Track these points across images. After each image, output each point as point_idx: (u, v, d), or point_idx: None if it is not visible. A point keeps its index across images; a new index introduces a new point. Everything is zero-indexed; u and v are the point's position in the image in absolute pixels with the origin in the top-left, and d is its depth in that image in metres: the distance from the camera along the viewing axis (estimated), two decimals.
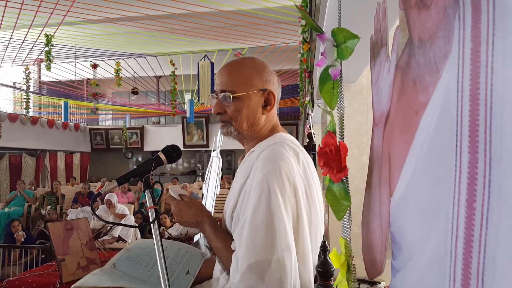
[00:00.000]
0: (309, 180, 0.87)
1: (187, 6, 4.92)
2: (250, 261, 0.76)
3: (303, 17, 0.81)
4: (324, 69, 0.54)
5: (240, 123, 0.93)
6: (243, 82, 0.92)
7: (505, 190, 0.21)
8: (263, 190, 0.80)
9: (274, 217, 0.77)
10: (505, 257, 0.21)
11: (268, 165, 0.83)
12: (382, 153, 0.44)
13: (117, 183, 0.90)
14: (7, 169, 9.09)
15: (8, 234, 4.43)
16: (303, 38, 2.74)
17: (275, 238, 0.76)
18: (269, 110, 0.94)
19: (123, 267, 1.03)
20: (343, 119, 0.53)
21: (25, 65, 7.82)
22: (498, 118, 0.22)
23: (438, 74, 0.30)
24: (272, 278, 0.75)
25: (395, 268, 0.38)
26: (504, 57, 0.22)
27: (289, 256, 0.77)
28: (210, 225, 0.93)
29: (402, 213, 0.37)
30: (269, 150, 0.87)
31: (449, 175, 0.27)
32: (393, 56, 0.41)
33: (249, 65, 0.95)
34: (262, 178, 0.81)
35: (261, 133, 0.95)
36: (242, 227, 0.81)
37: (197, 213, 0.94)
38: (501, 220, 0.22)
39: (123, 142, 11.33)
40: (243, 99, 0.92)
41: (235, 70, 0.94)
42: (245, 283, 0.76)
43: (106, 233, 4.36)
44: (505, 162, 0.21)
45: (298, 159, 0.88)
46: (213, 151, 3.25)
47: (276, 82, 0.97)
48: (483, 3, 0.24)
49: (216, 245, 0.90)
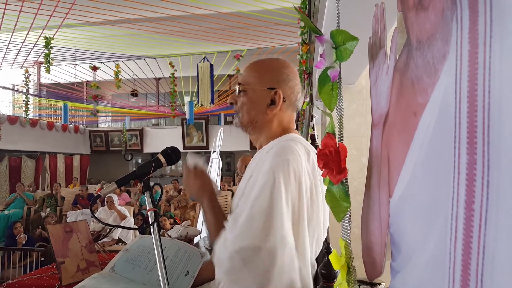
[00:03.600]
0: (316, 179, 0.87)
1: (186, 8, 4.93)
2: (242, 244, 0.77)
3: (302, 19, 0.82)
4: (323, 71, 0.54)
5: (242, 116, 0.96)
6: (254, 78, 0.95)
7: (504, 191, 0.22)
8: (268, 180, 0.80)
9: (273, 208, 0.78)
10: (504, 258, 0.21)
11: (277, 158, 0.84)
12: (381, 154, 0.44)
13: (116, 185, 0.90)
14: (7, 172, 9.08)
15: (10, 237, 4.42)
16: (302, 39, 2.75)
17: (270, 228, 0.77)
18: (273, 110, 0.94)
19: (122, 270, 1.03)
20: (342, 121, 0.53)
21: (25, 67, 7.83)
22: (496, 119, 0.22)
23: (436, 75, 0.30)
24: (259, 266, 0.75)
25: (395, 269, 0.38)
26: (502, 58, 0.22)
27: (282, 248, 0.77)
28: (209, 199, 0.95)
29: (401, 214, 0.37)
30: (280, 145, 0.88)
31: (448, 176, 0.27)
32: (391, 58, 0.41)
33: (267, 64, 0.98)
34: (269, 169, 0.82)
35: (271, 132, 0.96)
36: (241, 211, 0.82)
37: (201, 186, 0.98)
38: (499, 220, 0.22)
39: (122, 144, 11.33)
40: (249, 93, 0.95)
41: (253, 66, 0.98)
42: (230, 264, 0.77)
43: (106, 235, 4.35)
44: (503, 163, 0.22)
45: (309, 156, 0.88)
46: (213, 153, 3.25)
47: (293, 85, 0.97)
48: (480, 5, 0.24)
49: (209, 218, 0.93)
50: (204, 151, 11.44)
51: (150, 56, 7.51)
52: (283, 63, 0.99)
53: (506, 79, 0.22)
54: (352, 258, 0.50)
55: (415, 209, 0.34)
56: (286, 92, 0.95)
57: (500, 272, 0.22)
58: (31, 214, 6.38)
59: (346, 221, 0.50)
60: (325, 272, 0.53)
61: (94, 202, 0.91)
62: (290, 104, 0.97)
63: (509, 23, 0.21)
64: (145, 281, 1.00)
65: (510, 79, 0.21)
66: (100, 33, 6.37)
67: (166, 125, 12.04)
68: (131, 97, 9.61)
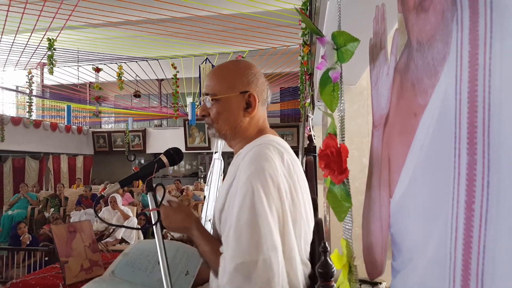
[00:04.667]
0: (293, 180, 0.87)
1: (188, 10, 4.94)
2: (236, 261, 0.77)
3: (303, 20, 0.81)
4: (324, 72, 0.54)
5: (221, 125, 0.94)
6: (224, 85, 0.93)
7: (503, 192, 0.22)
8: (247, 191, 0.80)
9: (258, 218, 0.78)
10: (504, 257, 0.21)
11: (252, 166, 0.83)
12: (381, 155, 0.44)
13: (119, 185, 0.90)
14: (11, 172, 9.13)
15: (14, 237, 4.45)
16: (303, 41, 2.75)
17: (260, 239, 0.77)
18: (251, 113, 0.94)
19: (122, 273, 1.03)
20: (343, 121, 0.53)
21: (28, 69, 7.87)
22: (496, 120, 0.22)
23: (437, 76, 0.30)
24: (260, 278, 0.75)
25: (396, 269, 0.39)
26: (502, 59, 0.22)
27: (276, 255, 0.77)
28: (198, 230, 0.92)
29: (402, 215, 0.37)
30: (254, 151, 0.87)
31: (448, 177, 0.27)
32: (392, 59, 0.41)
33: (232, 68, 0.96)
34: (246, 179, 0.82)
35: (247, 135, 0.96)
36: (228, 229, 0.82)
37: (185, 218, 0.94)
38: (499, 221, 0.22)
39: (125, 144, 11.36)
40: (223, 101, 0.93)
41: (218, 73, 0.96)
42: (232, 284, 0.76)
43: (109, 235, 4.37)
44: (503, 164, 0.22)
45: (283, 159, 0.88)
46: (215, 153, 3.26)
47: (261, 83, 0.97)
48: (480, 6, 0.24)
49: (204, 249, 0.91)
50: (206, 152, 11.46)
51: (153, 57, 7.53)
52: (246, 63, 0.98)
53: (506, 80, 0.22)
54: (354, 257, 0.50)
55: (416, 209, 0.34)
56: (257, 92, 0.95)
57: (500, 271, 0.22)
58: (35, 215, 6.41)
59: (348, 221, 0.51)
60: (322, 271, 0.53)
61: (98, 202, 0.92)
62: (263, 102, 0.97)
63: (509, 24, 0.21)
64: (145, 283, 1.00)
65: (510, 80, 0.21)
66: (102, 35, 6.40)
67: (169, 126, 12.06)
68: (133, 98, 9.64)
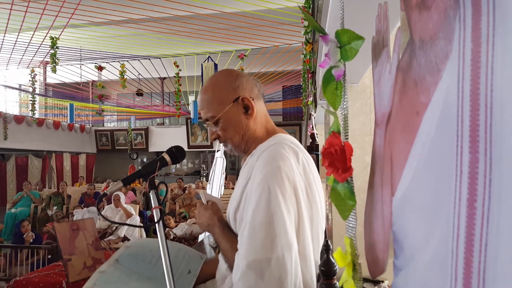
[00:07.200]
0: (309, 179, 0.88)
1: (190, 8, 4.94)
2: (249, 259, 0.78)
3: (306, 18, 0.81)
4: (327, 70, 0.54)
5: (233, 140, 0.96)
6: (215, 104, 0.95)
7: (505, 190, 0.22)
8: (263, 191, 0.81)
9: (273, 217, 0.78)
10: (506, 255, 0.21)
11: (268, 165, 0.84)
12: (384, 153, 0.44)
13: (122, 183, 0.91)
14: (14, 170, 9.19)
15: (17, 235, 4.48)
16: (306, 39, 2.74)
17: (275, 237, 0.77)
18: (252, 114, 0.95)
19: (126, 263, 1.03)
20: (347, 120, 0.53)
21: (31, 67, 7.91)
22: (498, 118, 0.23)
23: (439, 74, 0.30)
24: (272, 276, 0.76)
25: (397, 267, 0.39)
26: (504, 57, 0.22)
27: (289, 254, 0.78)
28: (220, 227, 0.95)
29: (403, 213, 0.38)
30: (269, 151, 0.88)
31: (450, 175, 0.27)
32: (394, 57, 0.41)
33: (214, 85, 0.98)
34: (262, 178, 0.82)
35: (257, 136, 0.97)
36: (243, 228, 0.83)
37: (210, 216, 0.98)
38: (501, 219, 0.22)
39: (128, 143, 11.41)
40: (223, 118, 0.95)
41: (204, 97, 0.98)
42: (244, 281, 0.77)
43: (112, 233, 4.39)
44: (505, 162, 0.22)
45: (298, 158, 0.89)
46: (217, 152, 3.26)
47: (246, 82, 0.97)
48: (483, 4, 0.24)
49: (224, 246, 0.93)
50: (209, 150, 11.47)
51: (155, 56, 7.54)
52: (223, 72, 1.00)
53: (509, 78, 0.22)
54: (358, 255, 0.50)
55: (418, 207, 0.34)
56: (247, 91, 0.96)
57: (502, 270, 0.22)
58: (38, 212, 6.45)
59: (351, 219, 0.51)
60: (324, 269, 0.53)
61: (101, 200, 0.93)
62: (258, 97, 0.99)
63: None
64: (150, 274, 1.00)
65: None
66: (105, 33, 6.42)
67: (171, 124, 12.09)
68: (136, 97, 9.66)
